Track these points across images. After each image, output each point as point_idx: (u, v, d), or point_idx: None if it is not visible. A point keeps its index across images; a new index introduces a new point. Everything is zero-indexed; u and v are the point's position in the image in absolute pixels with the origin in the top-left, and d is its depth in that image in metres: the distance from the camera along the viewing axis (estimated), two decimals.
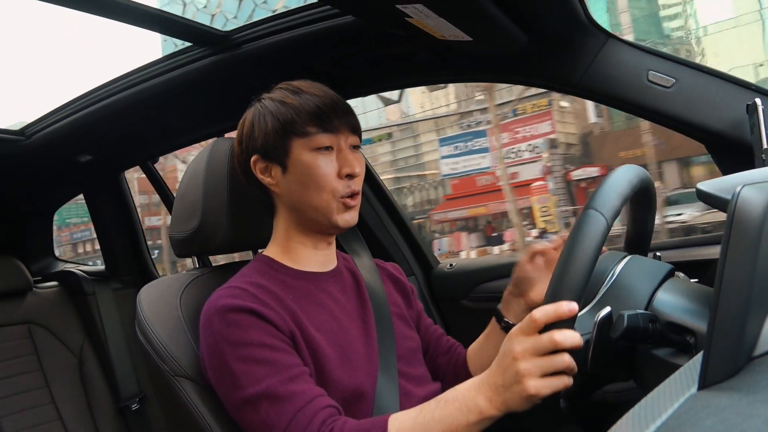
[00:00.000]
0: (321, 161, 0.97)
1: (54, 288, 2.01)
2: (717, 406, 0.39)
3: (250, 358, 0.87)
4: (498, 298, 1.56)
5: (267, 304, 0.91)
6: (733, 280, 0.44)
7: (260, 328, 0.89)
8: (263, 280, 0.97)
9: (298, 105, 0.98)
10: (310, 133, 0.97)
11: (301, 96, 0.99)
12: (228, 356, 0.88)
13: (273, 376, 0.86)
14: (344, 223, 1.00)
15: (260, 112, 1.01)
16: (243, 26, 1.36)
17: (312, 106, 0.97)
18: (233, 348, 0.88)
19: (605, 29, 1.17)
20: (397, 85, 1.55)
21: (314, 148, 0.97)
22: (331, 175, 0.98)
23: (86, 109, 1.60)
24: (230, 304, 0.90)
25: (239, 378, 0.87)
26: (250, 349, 0.87)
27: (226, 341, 0.88)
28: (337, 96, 1.02)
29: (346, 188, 0.98)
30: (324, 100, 0.99)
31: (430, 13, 0.97)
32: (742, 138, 1.06)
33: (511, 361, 0.74)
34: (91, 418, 1.85)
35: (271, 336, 0.89)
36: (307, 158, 0.97)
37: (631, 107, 1.19)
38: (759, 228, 0.44)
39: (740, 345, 0.43)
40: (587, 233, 0.73)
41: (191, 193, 1.16)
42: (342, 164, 0.98)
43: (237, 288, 0.94)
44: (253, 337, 0.88)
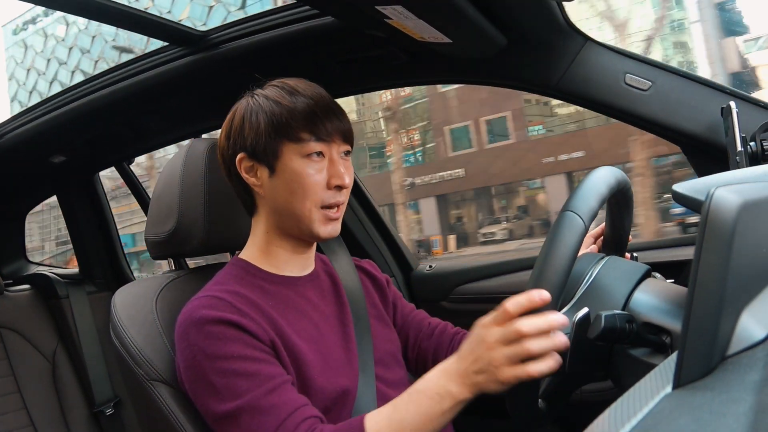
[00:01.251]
0: (311, 169, 0.94)
1: (26, 291, 1.97)
2: (691, 405, 0.39)
3: (231, 371, 0.85)
4: (478, 299, 1.56)
5: (246, 314, 0.89)
6: (707, 280, 0.44)
7: (240, 339, 0.87)
8: (241, 288, 0.94)
9: (293, 107, 0.94)
10: (303, 139, 0.94)
11: (296, 98, 0.95)
12: (207, 370, 0.85)
13: (254, 389, 0.84)
14: (326, 235, 0.98)
15: (253, 109, 0.97)
16: (220, 26, 1.34)
17: (308, 111, 0.94)
18: (212, 362, 0.85)
19: (583, 32, 1.18)
20: (375, 87, 1.55)
21: (305, 155, 0.94)
22: (319, 184, 0.95)
23: (59, 110, 1.57)
24: (208, 315, 0.88)
25: (219, 391, 0.84)
26: (230, 362, 0.85)
27: (205, 354, 0.86)
28: (331, 99, 0.99)
29: (331, 199, 0.96)
30: (320, 104, 0.96)
31: (409, 14, 0.97)
32: (717, 140, 1.08)
33: (484, 351, 0.75)
34: (65, 423, 1.81)
35: (251, 348, 0.87)
36: (297, 164, 0.94)
37: (608, 110, 1.20)
38: (732, 229, 0.45)
39: (714, 344, 0.43)
40: (564, 235, 0.74)
41: (167, 194, 1.14)
42: (332, 174, 0.95)
43: (214, 298, 0.91)
44: (233, 350, 0.86)
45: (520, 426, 0.82)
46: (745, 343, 0.44)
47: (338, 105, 1.00)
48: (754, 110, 1.08)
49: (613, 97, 1.17)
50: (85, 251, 2.13)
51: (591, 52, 1.18)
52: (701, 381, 0.42)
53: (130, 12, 1.19)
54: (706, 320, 0.44)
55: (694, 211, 0.54)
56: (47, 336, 1.90)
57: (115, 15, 1.19)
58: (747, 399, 0.37)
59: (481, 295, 1.55)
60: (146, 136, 1.80)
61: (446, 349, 1.13)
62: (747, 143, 1.01)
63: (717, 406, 0.38)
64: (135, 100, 1.49)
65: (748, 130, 1.02)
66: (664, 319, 0.76)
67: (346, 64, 1.36)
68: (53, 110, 1.58)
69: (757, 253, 0.48)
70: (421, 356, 1.14)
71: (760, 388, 0.38)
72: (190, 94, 1.50)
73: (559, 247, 0.73)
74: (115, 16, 1.20)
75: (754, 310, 0.46)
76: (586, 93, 1.20)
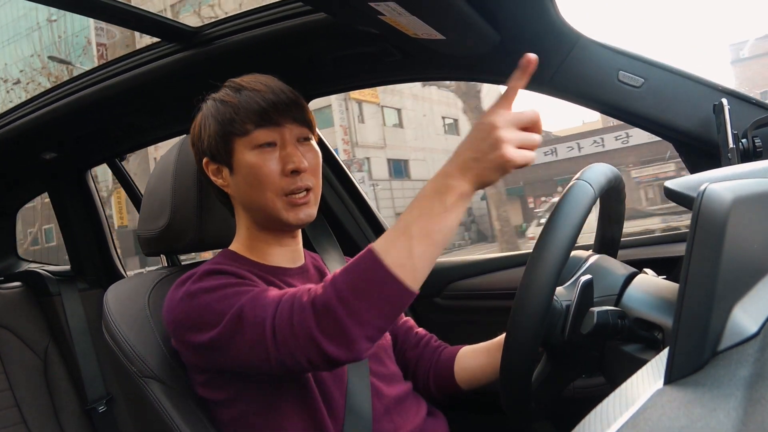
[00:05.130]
0: (263, 159, 0.95)
1: (17, 288, 1.96)
2: (682, 400, 0.39)
3: (232, 293, 0.87)
4: (471, 295, 1.57)
5: (239, 272, 0.93)
6: (698, 276, 0.45)
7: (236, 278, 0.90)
8: (230, 268, 0.96)
9: (237, 103, 0.95)
10: (248, 130, 0.94)
11: (241, 93, 0.96)
12: (210, 301, 0.87)
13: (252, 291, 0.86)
14: (296, 221, 0.97)
15: (204, 114, 1.00)
16: (213, 22, 1.34)
17: (251, 103, 0.95)
18: (212, 293, 0.88)
19: (576, 29, 1.18)
20: (368, 84, 1.55)
21: (255, 146, 0.95)
22: (274, 173, 0.95)
23: (51, 106, 1.56)
24: (205, 269, 0.91)
25: (223, 311, 0.85)
26: (231, 288, 0.87)
27: (205, 290, 0.88)
28: (283, 88, 0.98)
29: (291, 185, 0.95)
30: (264, 94, 0.95)
31: (402, 11, 0.97)
32: (709, 137, 1.08)
33: (491, 130, 0.75)
34: (57, 421, 1.80)
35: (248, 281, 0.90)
36: (250, 157, 0.95)
37: (601, 106, 1.21)
38: (723, 225, 0.45)
39: (705, 340, 0.43)
40: (575, 198, 0.75)
41: (160, 190, 1.14)
42: (286, 160, 0.95)
43: (207, 266, 0.95)
44: (230, 281, 0.89)
45: (514, 421, 0.83)
46: (736, 339, 0.44)
47: (291, 93, 0.98)
48: (746, 107, 1.09)
49: (606, 94, 1.17)
50: (76, 248, 2.11)
51: (584, 49, 1.18)
52: (692, 376, 0.42)
53: (122, 8, 1.18)
54: (698, 316, 0.44)
55: (686, 207, 0.54)
56: (39, 333, 1.89)
57: (108, 11, 1.18)
58: (738, 394, 0.38)
59: (474, 292, 1.56)
60: (139, 133, 1.79)
61: (428, 362, 1.14)
62: (739, 140, 1.01)
63: (708, 401, 0.38)
64: (127, 96, 1.48)
65: (740, 127, 1.03)
66: (656, 315, 0.77)
67: (339, 61, 1.36)
68: (44, 106, 1.57)
69: (748, 249, 0.48)
70: (403, 366, 1.15)
71: (751, 383, 0.38)
72: (182, 90, 1.48)
73: (570, 208, 0.74)
74: (107, 12, 1.19)
75: (745, 305, 0.46)
76: (579, 89, 1.20)
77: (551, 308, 0.79)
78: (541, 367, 0.88)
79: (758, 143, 1.02)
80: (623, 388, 0.44)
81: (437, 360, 1.13)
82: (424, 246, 0.76)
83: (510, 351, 0.76)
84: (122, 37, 16.98)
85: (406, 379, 1.11)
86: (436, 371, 1.12)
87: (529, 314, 0.73)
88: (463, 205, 0.77)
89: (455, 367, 1.11)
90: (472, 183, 0.76)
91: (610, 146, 17.10)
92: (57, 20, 16.78)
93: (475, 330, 1.20)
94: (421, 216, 0.77)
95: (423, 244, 0.76)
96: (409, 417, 1.02)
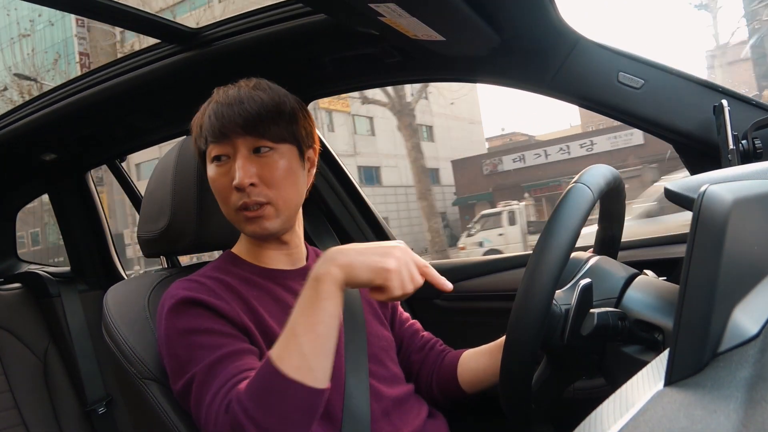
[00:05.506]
0: (216, 173, 0.95)
1: (17, 290, 1.96)
2: (683, 402, 0.39)
3: (196, 345, 0.87)
4: (472, 297, 1.56)
5: (220, 297, 0.91)
6: (698, 277, 0.45)
7: (209, 317, 0.89)
8: (224, 276, 0.97)
9: (200, 116, 0.97)
10: (206, 144, 0.96)
11: (210, 105, 0.97)
12: (176, 345, 0.88)
13: (210, 356, 0.85)
14: (252, 234, 0.97)
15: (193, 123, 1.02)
16: (213, 23, 1.34)
17: (207, 116, 0.95)
18: (182, 336, 0.88)
19: (576, 31, 1.18)
20: (368, 85, 1.55)
21: (210, 160, 0.96)
22: (225, 187, 0.94)
23: (51, 107, 1.56)
24: (182, 296, 0.90)
25: (183, 364, 0.87)
26: (197, 336, 0.87)
27: (176, 331, 0.89)
28: (242, 98, 0.94)
29: (239, 201, 0.93)
30: (219, 107, 0.94)
31: (402, 12, 0.97)
32: (710, 138, 1.08)
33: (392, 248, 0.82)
34: (57, 422, 1.80)
35: (219, 324, 0.89)
36: (210, 171, 0.97)
37: (601, 108, 1.20)
38: (723, 226, 0.45)
39: (705, 341, 0.43)
40: (574, 201, 0.75)
41: (160, 192, 1.14)
42: (232, 175, 0.93)
43: (193, 281, 0.94)
44: (201, 324, 0.88)
45: (514, 424, 0.83)
46: (736, 340, 0.44)
47: (255, 101, 0.93)
48: (746, 108, 1.09)
49: (606, 95, 1.17)
50: (76, 249, 2.11)
51: (584, 50, 1.18)
52: (693, 378, 0.42)
53: (122, 9, 1.18)
54: (698, 317, 0.44)
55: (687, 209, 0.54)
56: (39, 334, 1.89)
57: (108, 12, 1.18)
58: (738, 396, 0.37)
59: (475, 293, 1.55)
60: (138, 134, 1.79)
61: (431, 365, 1.14)
62: (739, 141, 1.01)
63: (708, 402, 0.38)
64: (127, 97, 1.48)
65: (740, 128, 1.03)
66: (656, 317, 0.77)
67: (339, 62, 1.36)
68: (44, 107, 1.57)
69: (748, 250, 0.48)
70: (407, 367, 1.15)
71: (752, 384, 0.38)
72: (182, 92, 1.49)
73: (569, 211, 0.74)
74: (107, 13, 1.19)
75: (746, 307, 0.46)
76: (579, 91, 1.20)
77: (550, 312, 0.79)
78: (542, 369, 0.88)
79: (758, 144, 1.02)
80: (623, 389, 0.44)
81: (440, 363, 1.14)
82: (311, 342, 0.77)
83: (509, 356, 0.76)
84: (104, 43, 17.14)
85: (409, 382, 1.11)
86: (439, 374, 1.13)
87: (528, 319, 0.73)
88: (335, 292, 0.79)
89: (458, 370, 1.11)
90: (342, 272, 0.78)
91: (576, 154, 17.46)
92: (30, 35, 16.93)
93: (476, 331, 1.20)
94: (301, 311, 0.79)
95: (310, 341, 0.77)
96: (409, 419, 1.01)
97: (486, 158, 21.04)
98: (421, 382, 1.14)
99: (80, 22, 18.65)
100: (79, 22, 19.02)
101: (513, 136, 29.62)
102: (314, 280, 0.79)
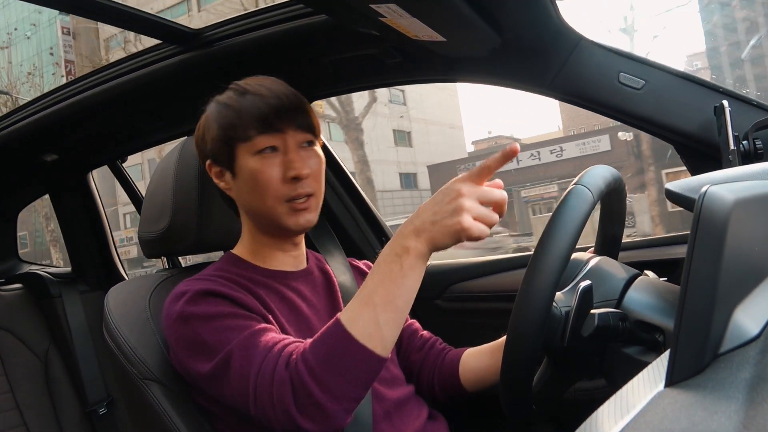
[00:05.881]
0: (265, 165, 0.94)
1: (18, 290, 1.96)
2: (683, 403, 0.39)
3: (223, 327, 0.86)
4: (472, 297, 1.56)
5: (234, 289, 0.92)
6: (699, 278, 0.44)
7: (230, 305, 0.89)
8: (231, 275, 0.96)
9: (240, 108, 0.95)
10: (251, 136, 0.94)
11: (245, 97, 0.95)
12: (201, 331, 0.87)
13: (243, 333, 0.85)
14: (297, 227, 0.97)
15: (209, 117, 1.00)
16: (214, 24, 1.34)
17: (253, 109, 0.94)
18: (206, 322, 0.87)
19: (577, 31, 1.18)
20: (369, 86, 1.55)
21: (256, 152, 0.94)
22: (275, 179, 0.94)
23: (52, 108, 1.56)
24: (199, 287, 0.90)
25: (213, 347, 0.86)
26: (223, 320, 0.87)
27: (199, 318, 0.88)
28: (287, 92, 0.97)
29: (292, 191, 0.94)
30: (267, 99, 0.95)
31: (403, 13, 0.97)
32: (710, 139, 1.08)
33: (455, 197, 0.76)
34: (57, 423, 1.81)
35: (242, 309, 0.89)
36: (251, 163, 0.94)
37: (602, 109, 1.20)
38: (724, 227, 0.45)
39: (706, 342, 0.43)
40: (574, 204, 0.75)
41: (161, 193, 1.14)
42: (287, 167, 0.94)
43: (204, 278, 0.94)
44: (225, 310, 0.88)
45: (515, 425, 0.83)
46: (737, 341, 0.44)
47: (296, 96, 0.98)
48: (747, 109, 1.09)
49: (607, 96, 1.17)
50: (77, 250, 2.12)
51: (585, 51, 1.18)
52: (694, 379, 0.42)
53: (123, 9, 1.18)
54: (699, 318, 0.44)
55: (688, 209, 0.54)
56: (39, 335, 1.89)
57: (108, 12, 1.18)
58: (739, 397, 0.37)
59: (475, 294, 1.55)
60: (139, 135, 1.79)
61: (432, 364, 1.14)
62: (740, 142, 1.01)
63: (709, 403, 0.38)
64: (128, 98, 1.48)
65: (741, 128, 1.03)
66: (657, 318, 0.77)
67: (339, 63, 1.36)
68: (45, 108, 1.57)
69: (749, 251, 0.48)
70: (407, 368, 1.15)
71: (753, 385, 0.38)
72: (183, 92, 1.49)
73: (568, 214, 0.74)
74: (108, 14, 1.19)
75: (747, 308, 0.46)
76: (580, 92, 1.20)
77: (550, 315, 0.79)
78: (542, 370, 0.88)
79: (759, 145, 1.02)
80: (624, 390, 0.44)
81: (442, 362, 1.13)
82: (388, 313, 0.77)
83: (510, 359, 0.76)
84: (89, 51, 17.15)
85: (410, 382, 1.11)
86: (441, 373, 1.12)
87: (528, 324, 0.72)
88: (420, 266, 0.78)
89: (460, 369, 1.11)
90: (426, 245, 0.77)
91: (546, 159, 17.89)
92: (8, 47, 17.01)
93: (477, 332, 1.20)
94: (382, 282, 0.78)
95: (387, 311, 0.77)
96: (410, 420, 1.01)
97: (461, 164, 21.15)
98: (422, 381, 1.14)
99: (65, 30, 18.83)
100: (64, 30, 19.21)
101: (498, 140, 29.70)
102: (396, 255, 0.78)
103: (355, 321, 0.77)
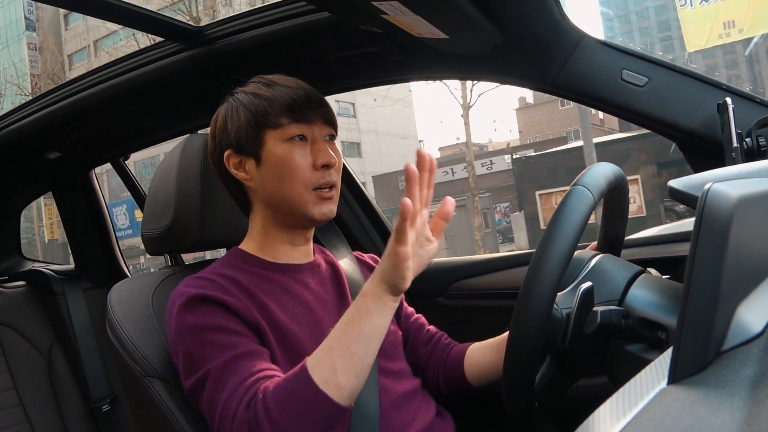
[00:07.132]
0: (295, 152, 0.96)
1: (22, 288, 1.97)
2: (686, 400, 0.39)
3: (208, 342, 0.87)
4: (474, 295, 1.56)
5: (231, 293, 0.92)
6: (702, 276, 0.44)
7: (221, 315, 0.89)
8: (234, 273, 0.97)
9: (271, 96, 0.97)
10: (282, 124, 0.96)
11: (274, 88, 0.98)
12: (188, 342, 0.89)
13: (223, 356, 0.86)
14: (321, 216, 0.98)
15: (233, 106, 1.00)
16: (217, 21, 1.34)
17: (285, 97, 0.97)
18: (193, 334, 0.88)
19: (579, 28, 1.18)
20: (371, 83, 1.55)
21: (287, 139, 0.97)
22: (305, 166, 0.96)
23: (54, 106, 1.56)
24: (194, 293, 0.91)
25: (195, 361, 0.87)
26: (209, 333, 0.88)
27: (187, 327, 0.89)
28: (311, 88, 1.01)
29: (321, 179, 0.97)
30: (297, 91, 0.98)
31: (406, 10, 0.97)
32: (713, 136, 1.08)
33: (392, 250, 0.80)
34: (61, 420, 1.81)
35: (230, 321, 0.89)
36: (281, 149, 0.96)
37: (604, 106, 1.20)
38: (727, 224, 0.45)
39: (709, 340, 0.43)
40: (574, 205, 0.74)
41: (163, 190, 1.14)
42: (317, 155, 0.97)
43: (203, 279, 0.94)
44: (213, 322, 0.89)
45: (517, 422, 0.83)
46: (740, 339, 0.44)
47: (318, 93, 1.02)
48: (750, 106, 1.08)
49: (610, 93, 1.17)
50: (81, 247, 2.12)
51: (588, 48, 1.18)
52: (696, 376, 0.42)
53: (125, 7, 1.18)
54: (702, 316, 0.44)
55: (690, 207, 0.54)
56: (43, 332, 1.90)
57: (111, 10, 1.19)
58: (742, 394, 0.37)
59: (477, 291, 1.55)
60: (142, 132, 1.79)
61: (438, 359, 1.15)
62: (743, 139, 1.01)
63: (712, 401, 0.38)
64: (130, 96, 1.48)
65: (744, 126, 1.03)
66: (660, 315, 0.77)
67: (342, 60, 1.36)
68: (48, 106, 1.57)
69: (752, 248, 0.48)
70: (414, 362, 1.15)
71: (756, 383, 0.38)
72: (186, 90, 1.49)
73: (568, 215, 0.73)
74: (110, 12, 1.20)
75: (750, 305, 0.46)
76: (582, 89, 1.20)
77: (551, 317, 0.79)
78: (545, 368, 0.88)
79: (762, 142, 1.01)
80: (627, 387, 0.44)
81: (447, 357, 1.14)
82: (345, 359, 0.79)
83: (511, 362, 0.76)
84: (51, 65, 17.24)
85: (416, 376, 1.11)
86: (446, 368, 1.13)
87: (529, 326, 0.72)
88: (377, 309, 0.81)
89: (465, 364, 1.11)
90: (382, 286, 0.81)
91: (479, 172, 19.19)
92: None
93: (479, 329, 1.20)
94: (342, 328, 0.81)
95: (343, 357, 0.79)
96: (418, 415, 1.02)
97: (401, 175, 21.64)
98: (428, 376, 1.14)
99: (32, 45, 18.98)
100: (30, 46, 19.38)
101: (464, 146, 30.32)
102: (356, 301, 0.83)
103: (316, 365, 0.79)
